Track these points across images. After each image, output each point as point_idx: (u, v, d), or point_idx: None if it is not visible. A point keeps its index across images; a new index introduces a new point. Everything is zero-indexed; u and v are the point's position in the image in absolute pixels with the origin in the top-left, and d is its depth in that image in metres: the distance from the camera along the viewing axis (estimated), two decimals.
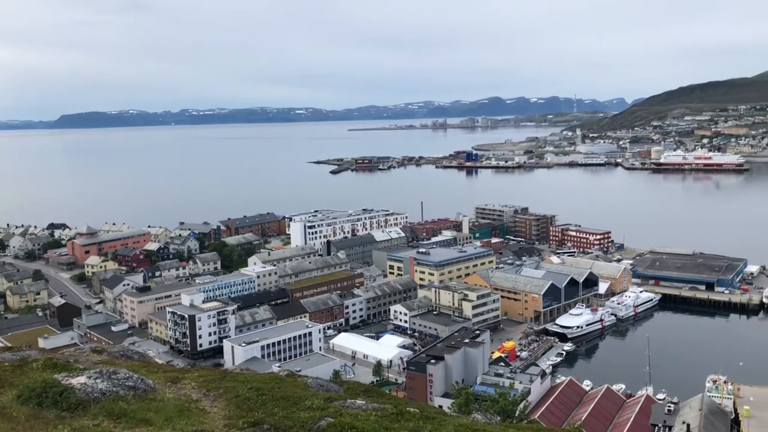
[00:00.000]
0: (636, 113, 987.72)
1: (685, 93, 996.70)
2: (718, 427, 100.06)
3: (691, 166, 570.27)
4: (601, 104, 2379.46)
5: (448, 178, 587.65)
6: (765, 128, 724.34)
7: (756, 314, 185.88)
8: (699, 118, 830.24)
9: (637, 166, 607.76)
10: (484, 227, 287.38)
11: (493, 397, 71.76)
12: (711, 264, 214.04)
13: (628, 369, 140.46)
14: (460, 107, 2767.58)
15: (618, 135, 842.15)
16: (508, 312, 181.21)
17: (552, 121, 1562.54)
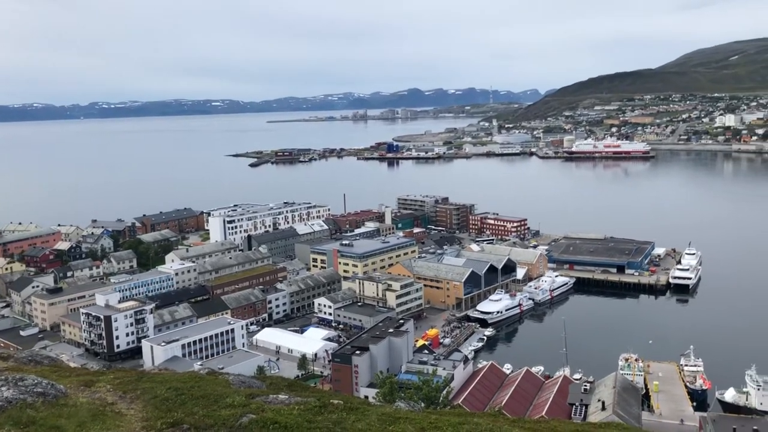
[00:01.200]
0: (549, 104, 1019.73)
1: (594, 84, 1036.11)
2: (630, 402, 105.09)
3: (601, 154, 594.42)
4: (516, 95, 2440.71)
5: (369, 170, 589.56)
6: (668, 117, 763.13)
7: (663, 294, 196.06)
8: (608, 107, 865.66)
9: (551, 155, 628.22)
10: (406, 218, 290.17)
11: (417, 384, 72.82)
12: (621, 247, 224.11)
13: (546, 351, 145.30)
14: (381, 99, 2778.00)
15: (532, 125, 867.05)
16: (430, 300, 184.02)
17: (470, 112, 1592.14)
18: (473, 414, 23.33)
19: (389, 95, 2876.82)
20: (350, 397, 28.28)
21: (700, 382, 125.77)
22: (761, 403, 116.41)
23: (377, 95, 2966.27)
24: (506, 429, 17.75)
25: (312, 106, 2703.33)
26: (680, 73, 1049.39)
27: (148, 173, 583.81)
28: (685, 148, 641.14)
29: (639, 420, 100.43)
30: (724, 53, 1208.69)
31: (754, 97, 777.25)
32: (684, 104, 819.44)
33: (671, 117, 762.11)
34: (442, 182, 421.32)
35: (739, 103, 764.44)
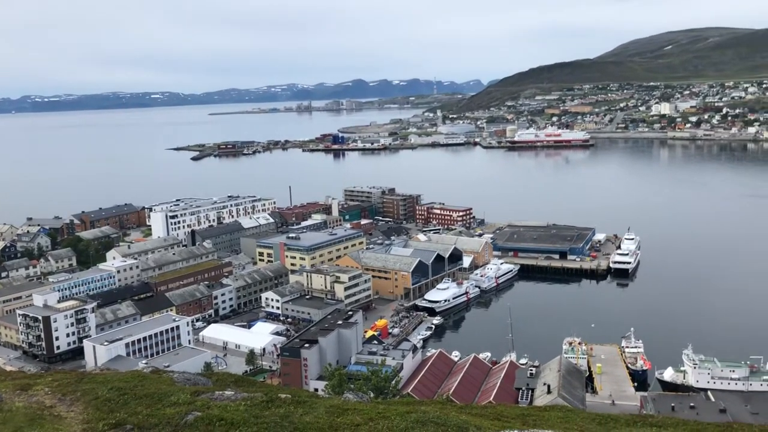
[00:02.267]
0: (491, 94, 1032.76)
1: (535, 74, 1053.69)
2: (574, 385, 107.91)
3: (542, 143, 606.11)
4: (459, 86, 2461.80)
5: (315, 162, 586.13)
6: (607, 106, 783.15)
7: (604, 279, 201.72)
8: (548, 97, 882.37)
9: (494, 144, 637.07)
10: (354, 209, 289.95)
11: (366, 375, 73.00)
12: (563, 234, 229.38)
13: (492, 338, 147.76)
14: (325, 90, 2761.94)
15: (476, 115, 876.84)
16: (379, 291, 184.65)
17: (414, 103, 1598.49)
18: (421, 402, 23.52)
19: (334, 86, 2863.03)
20: (299, 390, 28.13)
21: (640, 363, 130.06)
22: (697, 380, 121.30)
23: (321, 86, 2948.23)
24: (453, 416, 17.92)
25: (255, 98, 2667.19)
26: (617, 63, 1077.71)
27: (85, 169, 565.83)
28: (623, 136, 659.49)
29: (583, 402, 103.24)
30: (659, 43, 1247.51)
31: (687, 86, 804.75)
32: (621, 93, 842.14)
33: (609, 106, 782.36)
34: (388, 173, 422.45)
35: (674, 91, 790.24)
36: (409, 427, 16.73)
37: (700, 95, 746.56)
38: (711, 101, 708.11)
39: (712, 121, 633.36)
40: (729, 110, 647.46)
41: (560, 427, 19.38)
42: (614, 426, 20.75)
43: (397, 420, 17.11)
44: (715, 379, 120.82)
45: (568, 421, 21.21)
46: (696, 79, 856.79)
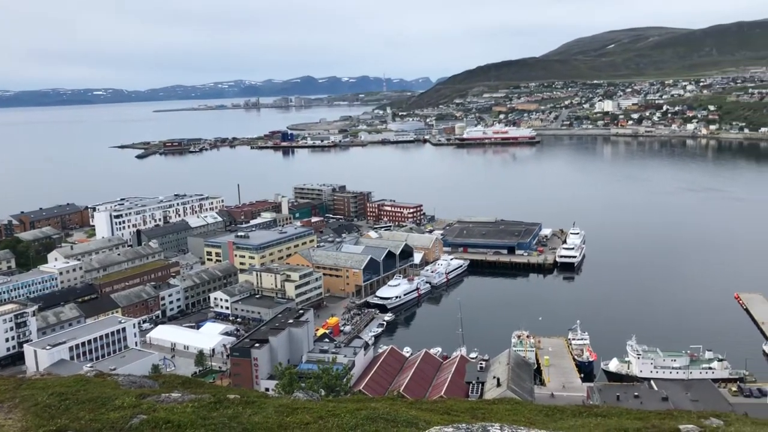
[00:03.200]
0: (440, 92, 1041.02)
1: (483, 72, 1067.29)
2: (523, 377, 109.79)
3: (490, 140, 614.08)
4: (408, 83, 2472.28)
5: (264, 159, 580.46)
6: (552, 103, 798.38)
7: (551, 273, 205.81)
8: (496, 95, 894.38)
9: (444, 141, 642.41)
10: (304, 207, 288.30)
11: (317, 373, 72.70)
12: (511, 229, 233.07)
13: (443, 333, 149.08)
14: (273, 86, 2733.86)
15: (425, 113, 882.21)
16: (330, 289, 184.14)
17: (364, 100, 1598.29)
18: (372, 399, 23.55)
19: (282, 83, 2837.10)
20: (248, 390, 27.80)
21: (586, 355, 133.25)
22: (641, 370, 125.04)
23: (270, 83, 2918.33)
24: (403, 411, 17.99)
25: (201, 95, 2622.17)
26: (562, 61, 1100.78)
27: (24, 167, 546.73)
28: (568, 132, 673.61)
29: (532, 394, 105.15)
30: (602, 42, 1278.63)
31: (629, 84, 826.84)
32: (566, 91, 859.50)
33: (555, 103, 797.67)
34: (338, 170, 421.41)
35: (616, 89, 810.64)
36: (358, 424, 16.71)
37: (642, 93, 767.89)
38: (652, 99, 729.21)
39: (653, 118, 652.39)
40: (669, 107, 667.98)
41: (508, 420, 19.65)
42: (560, 417, 21.16)
43: (347, 417, 17.07)
44: (658, 369, 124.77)
45: (516, 414, 21.53)
46: (637, 78, 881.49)
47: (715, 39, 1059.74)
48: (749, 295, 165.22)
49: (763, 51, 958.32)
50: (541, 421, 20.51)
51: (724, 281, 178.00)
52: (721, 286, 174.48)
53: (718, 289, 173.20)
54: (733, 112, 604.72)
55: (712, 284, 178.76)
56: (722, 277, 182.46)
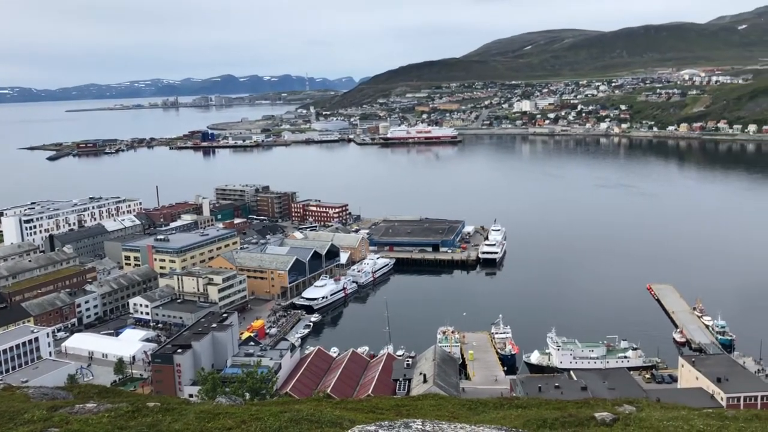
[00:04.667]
0: (363, 91, 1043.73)
1: (405, 72, 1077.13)
2: (449, 372, 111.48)
3: (414, 140, 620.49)
4: (331, 83, 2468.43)
5: (184, 160, 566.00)
6: (473, 103, 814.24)
7: (474, 269, 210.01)
8: (418, 95, 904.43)
9: (368, 141, 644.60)
10: (226, 208, 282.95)
11: (241, 377, 71.49)
12: (435, 227, 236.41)
13: (370, 332, 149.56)
14: (192, 85, 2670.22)
15: (349, 112, 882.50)
16: (255, 291, 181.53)
17: (286, 99, 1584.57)
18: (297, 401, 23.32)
19: (201, 82, 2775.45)
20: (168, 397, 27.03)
21: (509, 348, 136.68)
22: (561, 361, 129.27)
23: (188, 82, 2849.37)
24: (328, 412, 17.89)
25: (117, 94, 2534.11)
26: (481, 62, 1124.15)
27: None
28: (488, 132, 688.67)
29: (457, 388, 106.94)
30: (519, 43, 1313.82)
31: (546, 84, 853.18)
32: (486, 91, 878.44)
33: (475, 103, 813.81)
34: (262, 171, 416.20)
35: (533, 89, 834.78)
36: (282, 426, 16.50)
37: (558, 93, 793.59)
38: (567, 99, 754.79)
39: (568, 118, 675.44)
40: (583, 107, 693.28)
41: (432, 415, 19.89)
42: (483, 410, 21.58)
43: (271, 420, 16.84)
44: (577, 359, 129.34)
45: (440, 409, 21.81)
46: (553, 78, 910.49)
47: (626, 41, 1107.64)
48: (660, 286, 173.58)
49: (669, 53, 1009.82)
50: (464, 414, 20.85)
51: (637, 273, 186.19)
52: (634, 278, 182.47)
53: (631, 281, 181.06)
54: (642, 112, 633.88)
55: (625, 276, 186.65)
56: (635, 270, 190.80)
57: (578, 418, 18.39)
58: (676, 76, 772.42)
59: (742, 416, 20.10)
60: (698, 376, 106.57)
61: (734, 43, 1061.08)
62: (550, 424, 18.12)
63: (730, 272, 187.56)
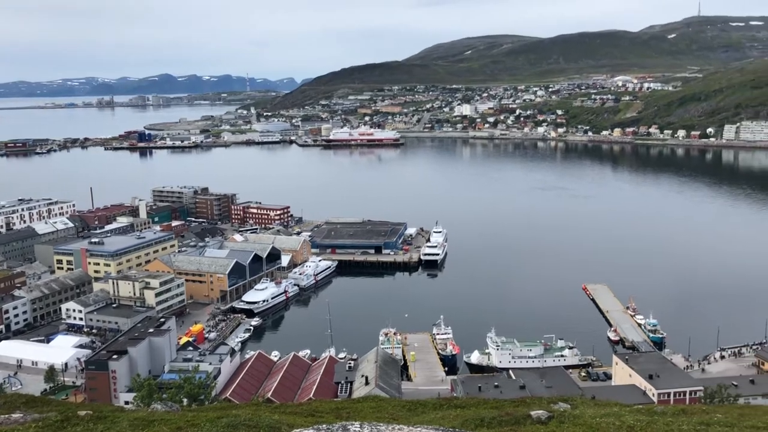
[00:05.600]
0: (305, 92, 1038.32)
1: (347, 74, 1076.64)
2: (390, 374, 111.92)
3: (356, 142, 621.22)
4: (273, 83, 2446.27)
5: (119, 161, 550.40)
6: (414, 107, 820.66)
7: (416, 270, 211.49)
8: (360, 97, 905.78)
9: (310, 143, 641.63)
10: (163, 210, 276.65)
11: (178, 383, 69.92)
12: (378, 230, 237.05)
13: (312, 335, 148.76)
14: (128, 84, 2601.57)
15: (290, 113, 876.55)
16: (193, 295, 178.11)
17: (226, 99, 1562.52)
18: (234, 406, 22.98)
19: (138, 81, 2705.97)
20: (102, 405, 26.19)
21: (450, 348, 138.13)
22: (500, 361, 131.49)
23: (125, 80, 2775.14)
24: (266, 416, 17.68)
25: (48, 92, 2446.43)
26: (423, 65, 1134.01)
27: None
28: (430, 135, 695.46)
29: (399, 389, 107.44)
30: (460, 48, 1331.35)
31: (485, 89, 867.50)
32: (427, 95, 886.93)
33: (417, 107, 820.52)
34: (201, 172, 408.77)
35: (473, 94, 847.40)
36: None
37: (497, 98, 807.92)
38: (506, 103, 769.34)
39: (507, 122, 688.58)
40: (521, 112, 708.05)
41: (372, 417, 19.90)
42: (423, 411, 21.73)
43: (207, 426, 16.52)
44: (515, 359, 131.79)
45: (380, 410, 21.85)
46: (493, 83, 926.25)
47: (562, 48, 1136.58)
48: (595, 286, 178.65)
49: (604, 60, 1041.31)
50: (403, 416, 20.95)
51: (573, 274, 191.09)
52: (570, 279, 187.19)
53: (567, 282, 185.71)
54: (578, 116, 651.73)
55: (562, 277, 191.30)
56: (571, 270, 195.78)
57: (515, 416, 18.73)
58: (610, 83, 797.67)
59: (670, 411, 20.87)
60: (631, 374, 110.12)
61: (664, 51, 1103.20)
62: (487, 423, 18.39)
63: (661, 272, 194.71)
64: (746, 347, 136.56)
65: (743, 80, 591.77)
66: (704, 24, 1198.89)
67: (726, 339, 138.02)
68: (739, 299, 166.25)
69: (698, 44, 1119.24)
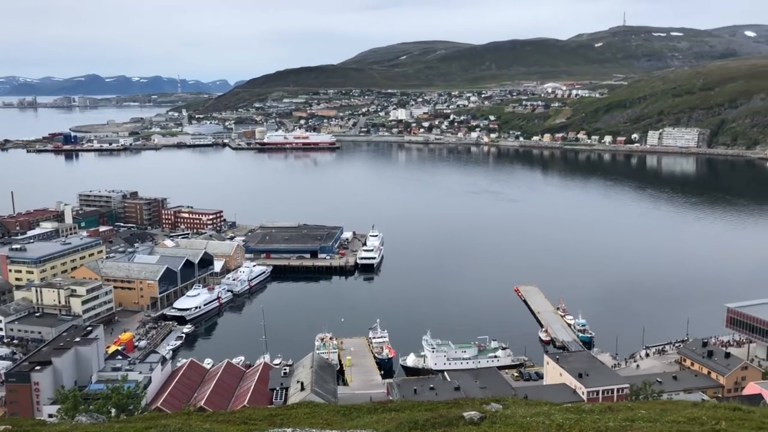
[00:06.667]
0: (239, 95, 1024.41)
1: (282, 77, 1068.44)
2: (326, 379, 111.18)
3: (291, 145, 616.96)
4: (205, 85, 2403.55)
5: (43, 164, 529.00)
6: (350, 110, 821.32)
7: (352, 274, 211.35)
8: (296, 100, 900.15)
9: (244, 146, 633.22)
10: (90, 215, 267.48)
11: (105, 393, 67.55)
12: (314, 234, 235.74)
13: (246, 341, 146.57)
14: (53, 84, 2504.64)
15: (224, 116, 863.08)
16: (123, 302, 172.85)
17: (157, 101, 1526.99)
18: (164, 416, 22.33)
19: (64, 81, 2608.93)
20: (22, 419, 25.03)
21: (386, 352, 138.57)
22: (435, 363, 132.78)
23: (49, 80, 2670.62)
24: (197, 425, 17.27)
25: None
26: (358, 69, 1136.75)
27: None
28: (366, 139, 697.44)
29: (335, 395, 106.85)
30: (395, 53, 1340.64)
31: (420, 94, 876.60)
32: (363, 99, 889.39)
33: (353, 110, 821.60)
34: (130, 175, 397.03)
35: (409, 98, 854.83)
36: None
37: (431, 103, 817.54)
38: (440, 108, 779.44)
39: (441, 127, 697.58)
40: (455, 117, 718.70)
41: (306, 423, 19.75)
42: (357, 415, 21.69)
43: None
44: (451, 360, 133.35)
45: (314, 416, 21.70)
46: (427, 88, 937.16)
47: (494, 54, 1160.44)
48: (527, 287, 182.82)
49: (534, 67, 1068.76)
50: (338, 421, 20.85)
51: (506, 276, 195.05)
52: (503, 281, 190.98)
53: (500, 284, 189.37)
54: (510, 122, 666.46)
55: (495, 279, 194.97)
56: (503, 272, 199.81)
57: (448, 418, 18.92)
58: (540, 89, 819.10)
59: (598, 409, 21.53)
60: (562, 373, 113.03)
61: (592, 59, 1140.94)
62: (421, 425, 18.51)
63: (590, 273, 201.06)
64: (669, 345, 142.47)
65: (665, 88, 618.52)
66: (629, 33, 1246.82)
67: (651, 337, 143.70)
68: (663, 299, 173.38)
69: (623, 53, 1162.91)
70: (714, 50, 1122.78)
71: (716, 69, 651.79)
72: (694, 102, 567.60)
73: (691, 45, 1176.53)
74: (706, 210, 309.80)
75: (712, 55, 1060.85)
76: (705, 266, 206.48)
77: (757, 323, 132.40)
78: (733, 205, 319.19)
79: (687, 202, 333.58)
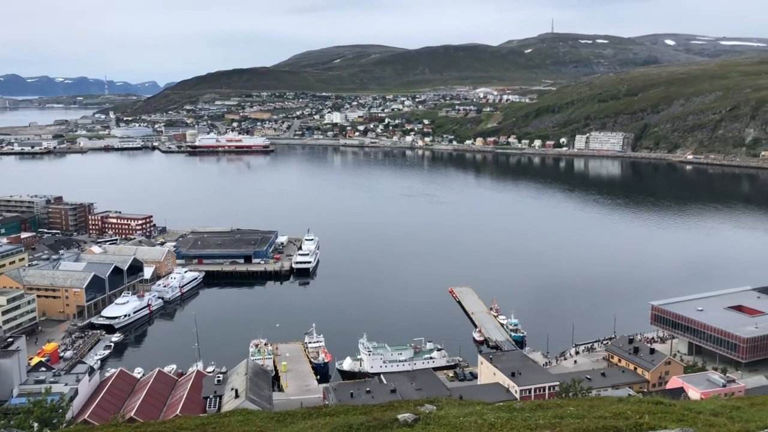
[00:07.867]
0: (169, 97, 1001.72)
1: (213, 78, 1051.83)
2: (261, 386, 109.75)
3: (224, 148, 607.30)
4: (133, 87, 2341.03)
5: None
6: (284, 113, 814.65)
7: (287, 279, 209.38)
8: (228, 103, 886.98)
9: (174, 149, 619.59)
10: (11, 221, 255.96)
11: (26, 407, 64.59)
12: (247, 238, 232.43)
13: (178, 349, 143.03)
14: None
15: (153, 118, 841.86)
16: (47, 312, 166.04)
17: (82, 103, 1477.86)
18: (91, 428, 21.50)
19: None
20: None
21: (322, 357, 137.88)
22: (372, 366, 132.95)
23: None
24: None
25: None
26: (292, 72, 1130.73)
27: None
28: (301, 142, 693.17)
29: (270, 401, 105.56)
30: (329, 56, 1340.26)
31: (355, 97, 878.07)
32: (297, 102, 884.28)
33: (287, 113, 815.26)
34: (54, 180, 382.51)
35: (344, 102, 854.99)
36: None
37: (366, 106, 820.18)
38: (375, 112, 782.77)
39: (376, 130, 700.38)
40: (390, 121, 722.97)
41: (240, 430, 19.45)
42: (291, 421, 21.49)
43: None
44: (387, 363, 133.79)
45: (248, 423, 21.36)
46: (362, 92, 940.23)
47: (427, 59, 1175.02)
48: (461, 288, 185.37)
49: (467, 72, 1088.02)
50: (272, 427, 20.60)
51: (440, 277, 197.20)
52: (437, 282, 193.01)
53: (435, 285, 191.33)
54: (443, 126, 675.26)
55: (430, 281, 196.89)
56: (438, 274, 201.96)
57: (382, 421, 18.96)
58: (473, 94, 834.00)
59: (529, 407, 22.01)
60: (495, 372, 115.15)
61: (522, 65, 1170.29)
62: (356, 429, 18.49)
63: (521, 273, 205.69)
64: (598, 342, 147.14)
65: (591, 94, 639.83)
66: (557, 40, 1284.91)
67: (580, 335, 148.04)
68: (591, 298, 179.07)
69: (552, 59, 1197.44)
70: (637, 57, 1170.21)
71: (639, 75, 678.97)
72: (619, 107, 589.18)
73: (616, 52, 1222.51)
74: (631, 211, 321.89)
75: (635, 62, 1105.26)
76: (631, 265, 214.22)
77: (679, 320, 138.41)
78: (656, 206, 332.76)
79: (613, 203, 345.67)
